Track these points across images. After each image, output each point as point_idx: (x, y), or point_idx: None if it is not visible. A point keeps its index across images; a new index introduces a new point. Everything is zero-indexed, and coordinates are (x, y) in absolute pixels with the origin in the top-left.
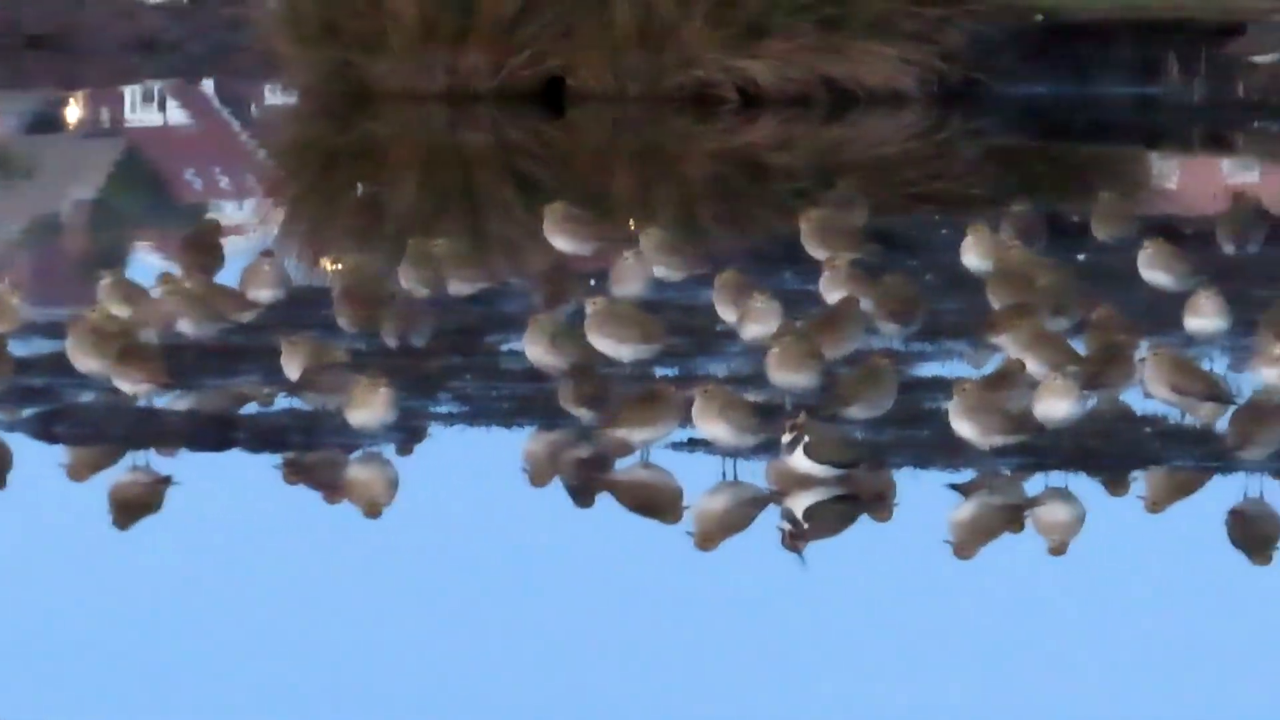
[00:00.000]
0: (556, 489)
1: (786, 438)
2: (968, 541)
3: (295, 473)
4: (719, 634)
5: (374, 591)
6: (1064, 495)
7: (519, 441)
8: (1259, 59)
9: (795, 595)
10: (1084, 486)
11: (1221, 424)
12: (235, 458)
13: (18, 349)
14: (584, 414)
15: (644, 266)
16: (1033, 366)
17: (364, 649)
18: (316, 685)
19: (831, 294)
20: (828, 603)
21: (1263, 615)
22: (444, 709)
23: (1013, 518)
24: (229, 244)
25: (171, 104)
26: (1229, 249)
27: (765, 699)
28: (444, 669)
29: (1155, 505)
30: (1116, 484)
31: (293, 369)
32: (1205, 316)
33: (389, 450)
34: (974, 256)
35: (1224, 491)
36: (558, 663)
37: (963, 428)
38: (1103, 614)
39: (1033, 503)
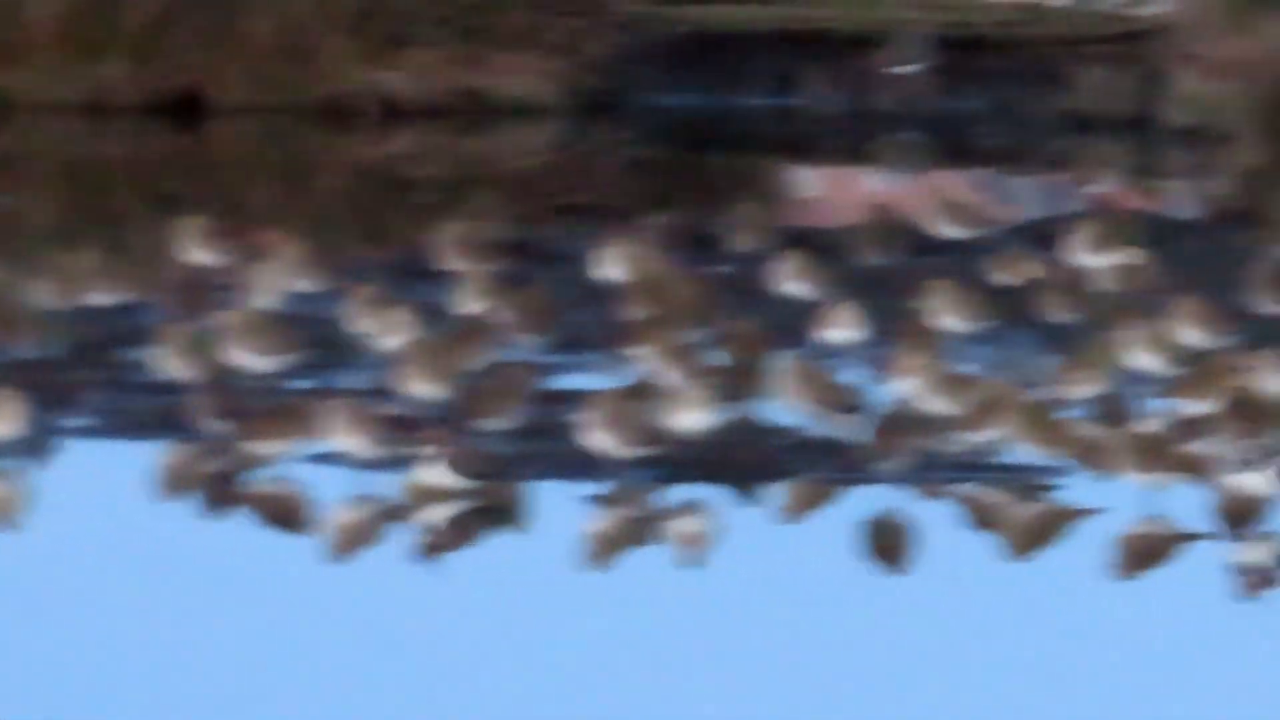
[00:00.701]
0: (191, 501)
1: (421, 451)
2: (602, 553)
3: None
4: (351, 645)
5: (7, 605)
6: (699, 507)
7: (153, 454)
8: (899, 70)
9: (426, 606)
10: (718, 498)
11: (857, 436)
12: None
13: None
14: (218, 426)
15: (280, 279)
16: (669, 378)
17: None
18: None
19: (468, 306)
20: (461, 613)
21: (894, 626)
22: None
23: (647, 529)
24: None
25: None
26: (867, 260)
27: (392, 707)
28: (72, 682)
29: (789, 517)
30: (751, 495)
31: None
32: (842, 328)
33: (21, 463)
34: (612, 268)
35: (858, 503)
36: (190, 672)
37: (598, 440)
38: (736, 625)
39: (667, 514)
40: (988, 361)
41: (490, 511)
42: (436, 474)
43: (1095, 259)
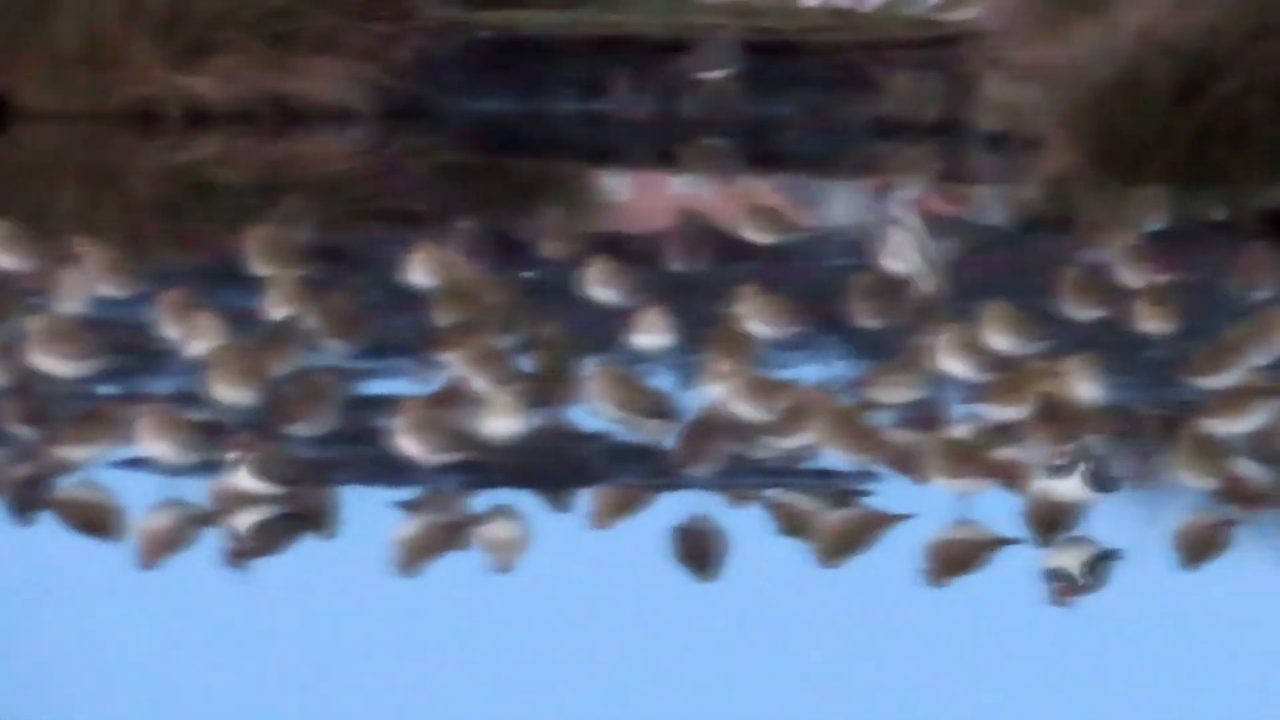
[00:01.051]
0: None
1: (230, 455)
2: (411, 559)
3: None
4: (159, 650)
5: None
6: (509, 512)
7: None
8: (706, 76)
9: (235, 612)
10: (529, 504)
11: (667, 441)
12: None
13: None
14: (25, 432)
15: (87, 283)
16: (478, 383)
17: None
18: None
19: (276, 311)
20: (271, 619)
21: (705, 632)
22: None
23: (457, 535)
24: None
25: None
26: (676, 266)
27: (200, 712)
28: None
29: (600, 522)
30: (561, 501)
31: None
32: (651, 333)
33: None
34: (420, 273)
35: (669, 508)
36: None
37: (408, 445)
38: (546, 630)
39: (478, 520)
40: (798, 367)
41: (299, 517)
42: (245, 479)
43: (904, 264)
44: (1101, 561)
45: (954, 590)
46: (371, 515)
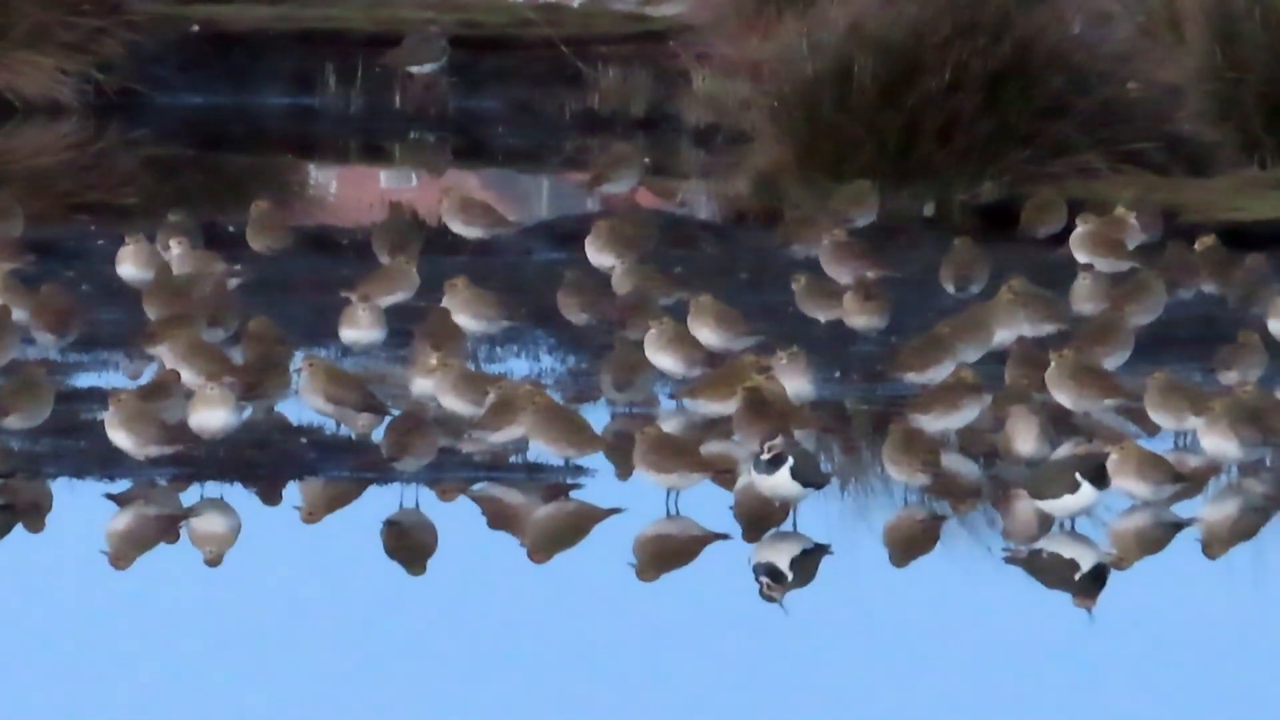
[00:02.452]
0: None
1: None
2: (124, 552)
3: None
4: None
5: None
6: (220, 505)
7: None
8: (415, 69)
9: None
10: (240, 497)
11: (377, 434)
12: None
13: None
14: None
15: None
16: (189, 377)
17: None
18: None
19: None
20: None
21: (415, 628)
22: None
23: (169, 528)
24: None
25: None
26: (385, 260)
27: None
28: None
29: (311, 515)
30: (272, 494)
31: None
32: (361, 328)
33: None
34: (130, 267)
35: (380, 502)
36: None
37: (119, 438)
38: (256, 625)
39: (189, 513)
40: (508, 361)
41: (11, 509)
42: None
43: (612, 259)
44: (810, 557)
45: (663, 584)
46: (85, 508)
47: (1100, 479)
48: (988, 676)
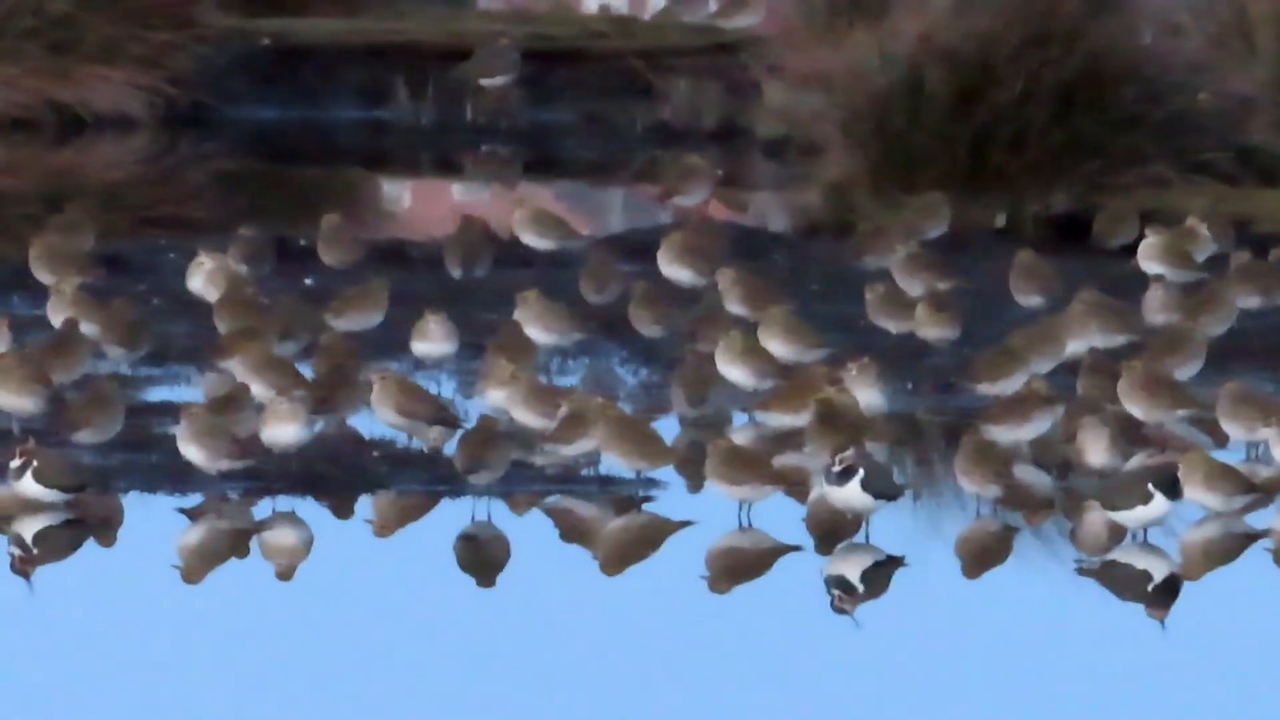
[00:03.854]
0: None
1: (14, 463)
2: (196, 566)
3: None
4: None
5: None
6: (291, 519)
7: None
8: (486, 82)
9: (24, 620)
10: (311, 511)
11: (449, 447)
12: None
13: None
14: None
15: None
16: (260, 390)
17: None
18: None
19: (58, 318)
20: (57, 627)
21: (490, 640)
22: None
23: (240, 542)
24: None
25: None
26: (457, 272)
27: None
28: None
29: (383, 529)
30: (344, 508)
31: None
32: (433, 340)
33: None
34: (201, 281)
35: (452, 515)
36: None
37: (190, 452)
38: (333, 638)
39: (260, 527)
40: (579, 374)
41: (83, 524)
42: (29, 486)
43: (685, 272)
44: (882, 569)
45: (735, 597)
46: (157, 522)
47: (1173, 490)
48: (1061, 688)
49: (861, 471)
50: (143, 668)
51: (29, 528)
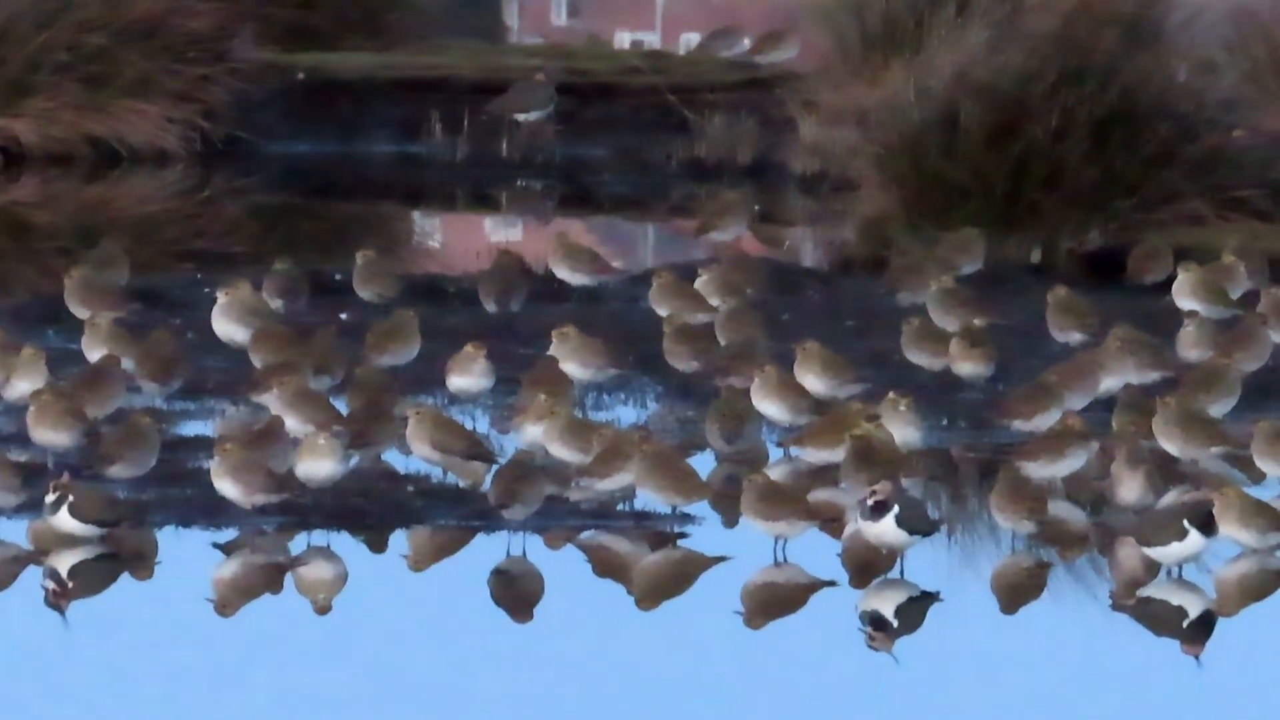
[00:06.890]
0: None
1: (49, 497)
2: (230, 601)
3: None
4: None
5: None
6: (326, 554)
7: None
8: (521, 117)
9: (57, 654)
10: (346, 545)
11: (484, 483)
12: None
13: None
14: None
15: None
16: (295, 425)
17: None
18: None
19: (93, 352)
20: (92, 661)
21: (525, 676)
22: None
23: (275, 576)
24: None
25: None
26: (492, 307)
27: None
28: None
29: (418, 564)
30: (378, 542)
31: None
32: (469, 375)
33: None
34: (237, 315)
35: (487, 550)
36: None
37: (225, 486)
38: (367, 672)
39: (295, 561)
40: (615, 409)
41: (118, 558)
42: (64, 520)
43: (704, 307)
44: (917, 604)
45: (771, 632)
46: (191, 556)
47: (1208, 526)
48: None
49: (896, 507)
50: (177, 702)
51: (64, 562)
